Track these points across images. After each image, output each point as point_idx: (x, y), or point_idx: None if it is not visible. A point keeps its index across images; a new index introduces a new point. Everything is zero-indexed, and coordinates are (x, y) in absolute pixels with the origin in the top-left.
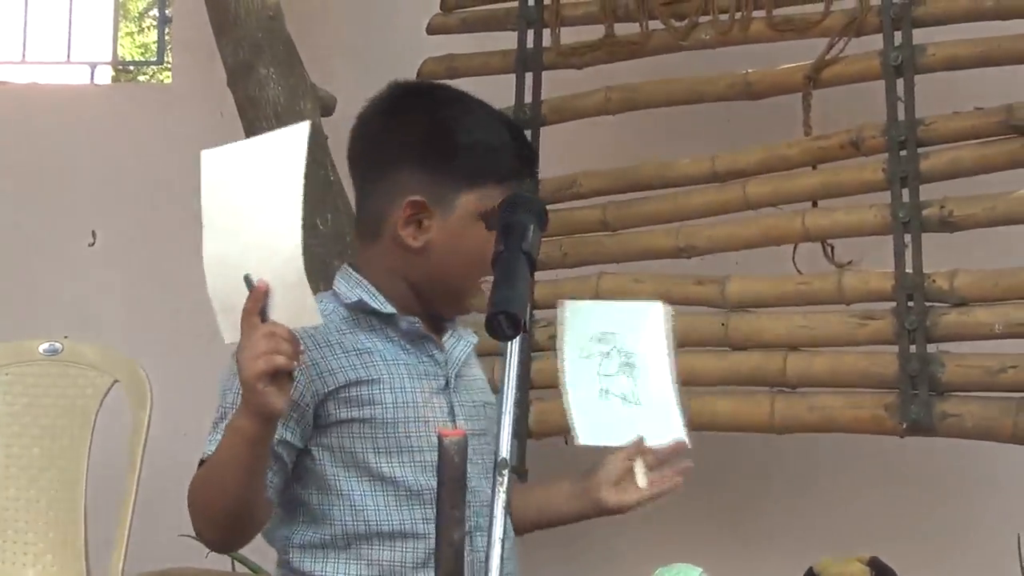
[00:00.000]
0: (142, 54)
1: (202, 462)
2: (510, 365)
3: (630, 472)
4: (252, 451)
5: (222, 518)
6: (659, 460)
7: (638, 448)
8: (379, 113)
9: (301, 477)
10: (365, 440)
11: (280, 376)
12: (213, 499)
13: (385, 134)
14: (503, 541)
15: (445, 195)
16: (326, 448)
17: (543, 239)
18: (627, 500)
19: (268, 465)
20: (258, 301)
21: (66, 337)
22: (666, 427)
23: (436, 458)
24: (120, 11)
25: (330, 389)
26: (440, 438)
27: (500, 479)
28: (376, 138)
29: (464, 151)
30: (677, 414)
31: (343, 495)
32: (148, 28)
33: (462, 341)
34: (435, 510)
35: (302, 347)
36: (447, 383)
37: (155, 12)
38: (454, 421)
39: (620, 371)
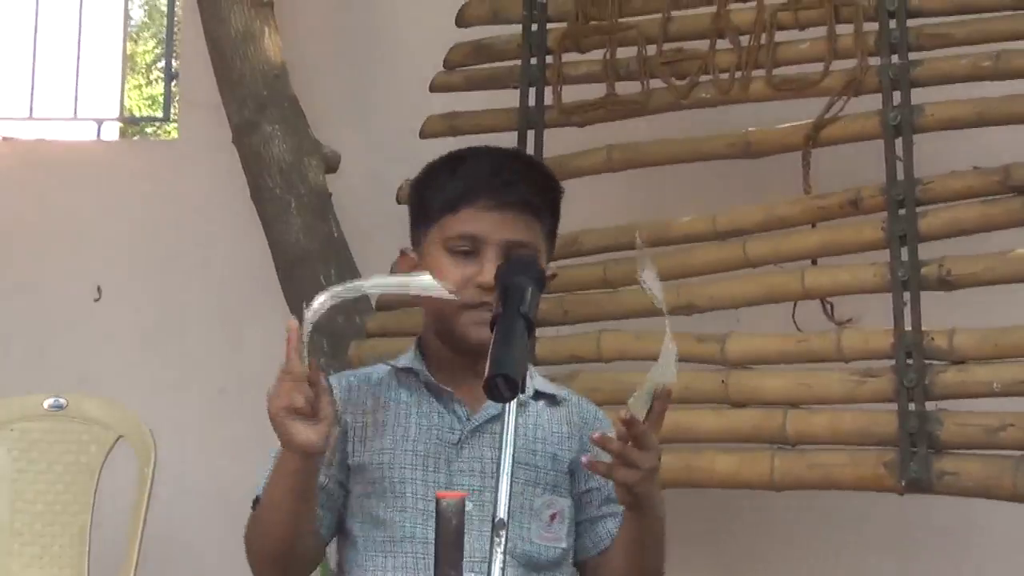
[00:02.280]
0: (149, 106)
1: (255, 502)
2: (508, 426)
3: None
4: (288, 483)
5: (271, 552)
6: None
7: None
8: None
9: None
10: (366, 484)
11: (308, 414)
12: (263, 535)
13: None
14: None
15: (419, 240)
16: (350, 494)
17: (544, 296)
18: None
19: (314, 503)
20: (291, 342)
21: (71, 393)
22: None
23: (427, 507)
24: (127, 62)
25: (349, 435)
26: (437, 500)
27: (497, 539)
28: None
29: (419, 195)
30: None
31: (350, 537)
32: (156, 80)
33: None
34: (433, 566)
35: (332, 394)
36: (460, 438)
37: (163, 64)
38: (450, 475)
39: None
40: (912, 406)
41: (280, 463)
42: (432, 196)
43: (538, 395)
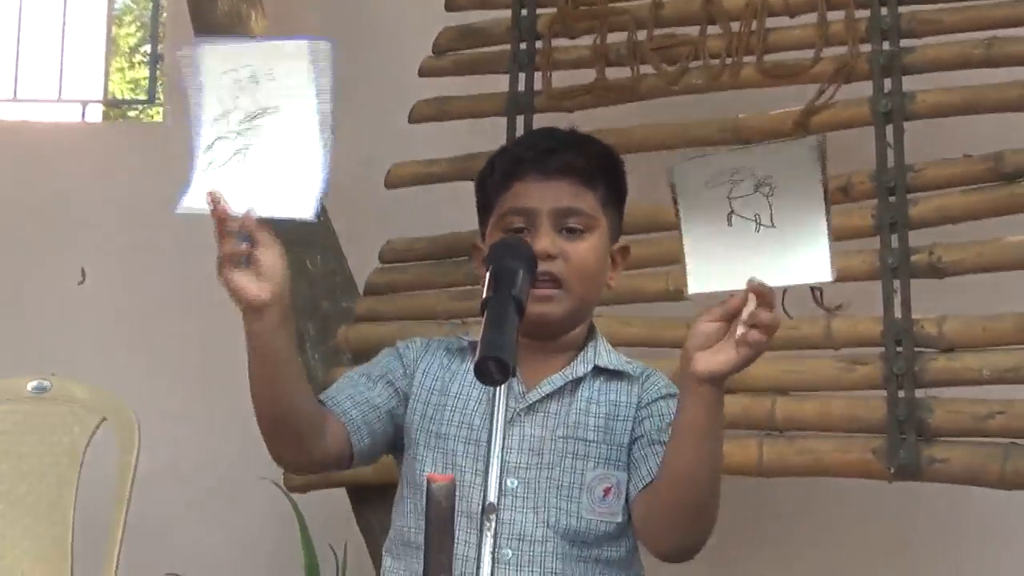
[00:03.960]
0: (132, 90)
1: None
2: (498, 409)
3: (727, 333)
4: (251, 348)
5: (263, 419)
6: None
7: (741, 302)
8: None
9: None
10: (418, 447)
11: (251, 265)
12: (254, 406)
13: None
14: None
15: (484, 231)
16: (402, 454)
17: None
18: (715, 364)
19: (286, 367)
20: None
21: (54, 375)
22: (807, 260)
23: (473, 480)
24: (111, 45)
25: (414, 393)
26: (428, 483)
27: (488, 523)
28: None
29: (480, 184)
30: (824, 243)
31: (400, 500)
32: (138, 64)
33: (559, 375)
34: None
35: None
36: (512, 415)
37: (146, 48)
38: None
39: (755, 193)
40: (901, 393)
41: (245, 330)
42: (488, 182)
43: (598, 370)
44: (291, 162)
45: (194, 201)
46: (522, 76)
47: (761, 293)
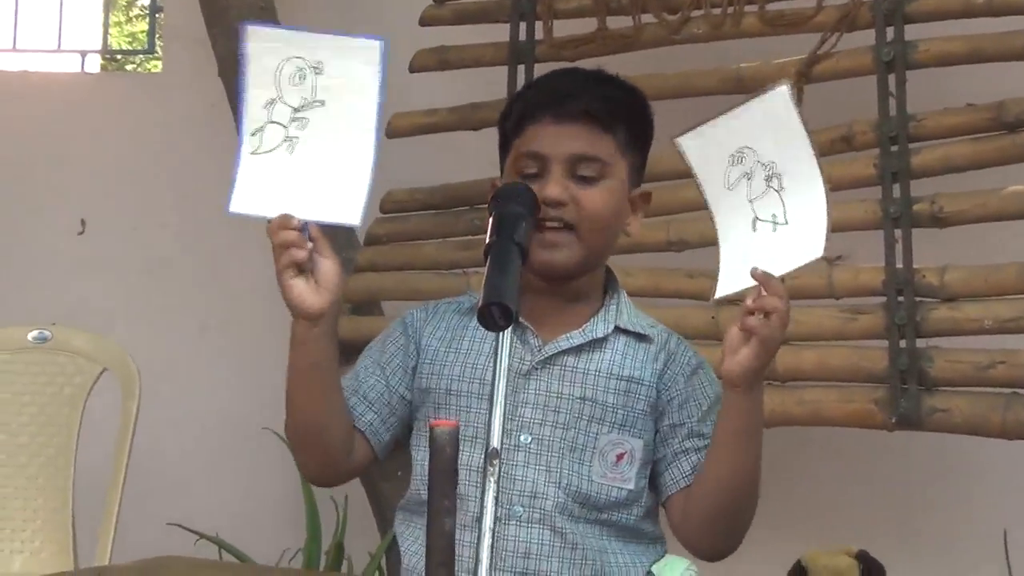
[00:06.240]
0: (129, 43)
1: None
2: (502, 355)
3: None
4: (299, 354)
5: (294, 431)
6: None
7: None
8: None
9: None
10: (429, 408)
11: (308, 272)
12: (287, 414)
13: None
14: (493, 531)
15: (502, 169)
16: (414, 417)
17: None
18: (733, 364)
19: (329, 379)
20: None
21: (55, 324)
22: (809, 244)
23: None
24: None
25: (421, 358)
26: (431, 429)
27: (491, 469)
28: None
29: (500, 124)
30: (822, 224)
31: (415, 462)
32: (136, 18)
33: (579, 332)
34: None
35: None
36: (529, 368)
37: (143, 2)
38: (513, 406)
39: (767, 189)
40: (903, 343)
41: (291, 337)
42: (506, 123)
43: (619, 331)
44: (339, 163)
45: (247, 204)
46: (523, 25)
47: (764, 281)
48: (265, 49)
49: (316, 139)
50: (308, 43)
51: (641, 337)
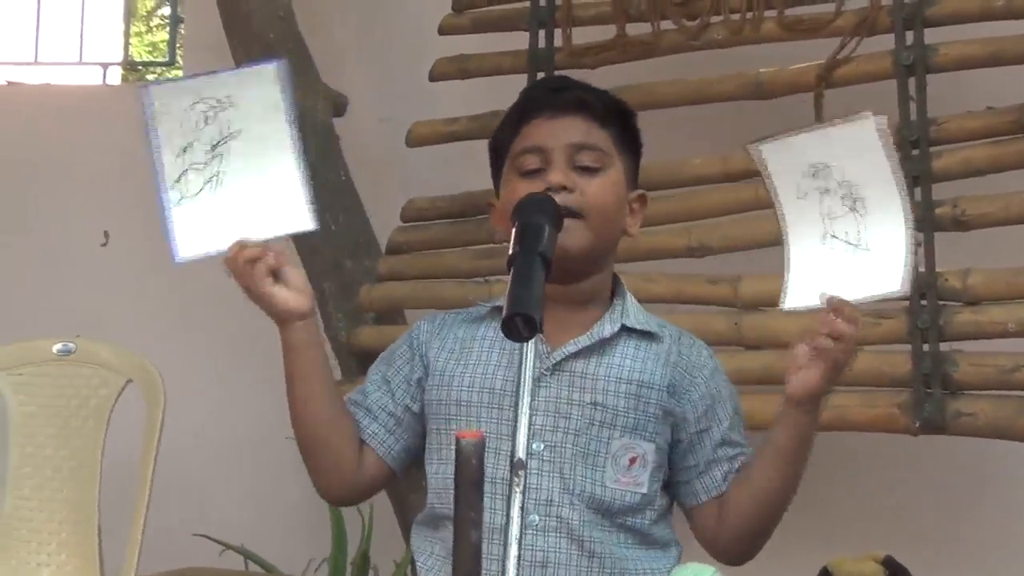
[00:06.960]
0: (150, 53)
1: None
2: (527, 366)
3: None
4: (295, 360)
5: (302, 449)
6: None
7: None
8: None
9: None
10: (440, 420)
11: (280, 276)
12: (292, 426)
13: None
14: (520, 542)
15: (499, 184)
16: (427, 430)
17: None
18: (797, 383)
19: (323, 385)
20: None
21: (79, 337)
22: (887, 276)
23: (498, 445)
24: (130, 8)
25: (429, 371)
26: (457, 440)
27: (516, 479)
28: None
29: (494, 139)
30: (901, 257)
31: (428, 476)
32: (156, 28)
33: (586, 335)
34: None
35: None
36: (538, 375)
37: (163, 11)
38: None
39: (845, 209)
40: (926, 347)
41: (284, 346)
42: (501, 133)
43: (627, 331)
44: (269, 180)
45: (193, 248)
46: (542, 33)
47: (838, 308)
48: (170, 103)
49: (239, 165)
50: (210, 85)
51: (650, 336)
